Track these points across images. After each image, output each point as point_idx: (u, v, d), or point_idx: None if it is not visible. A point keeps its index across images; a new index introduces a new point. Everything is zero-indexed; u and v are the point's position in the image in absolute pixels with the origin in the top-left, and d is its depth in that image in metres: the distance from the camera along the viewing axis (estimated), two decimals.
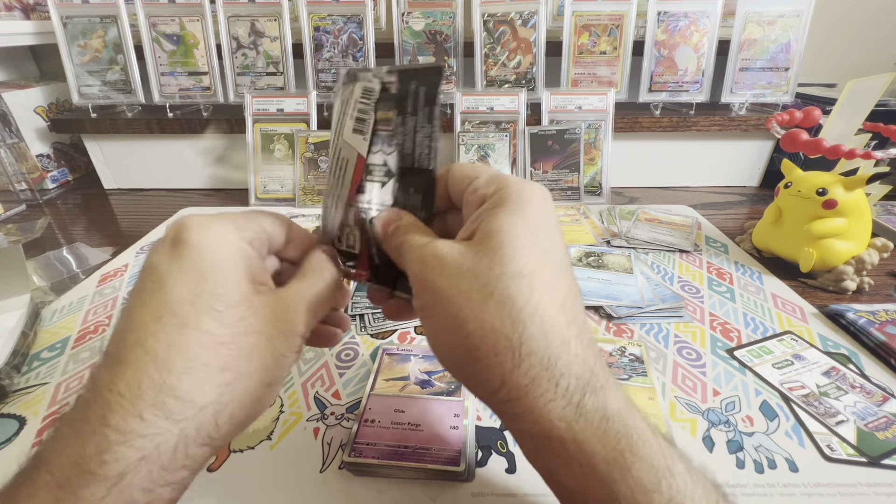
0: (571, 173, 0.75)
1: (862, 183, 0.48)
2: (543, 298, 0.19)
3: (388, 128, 0.23)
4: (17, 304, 0.44)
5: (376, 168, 0.24)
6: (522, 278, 0.19)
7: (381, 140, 0.24)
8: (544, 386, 0.18)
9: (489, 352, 0.18)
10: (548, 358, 0.18)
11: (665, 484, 0.17)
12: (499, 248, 0.19)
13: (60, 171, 0.87)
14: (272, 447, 0.33)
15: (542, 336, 0.18)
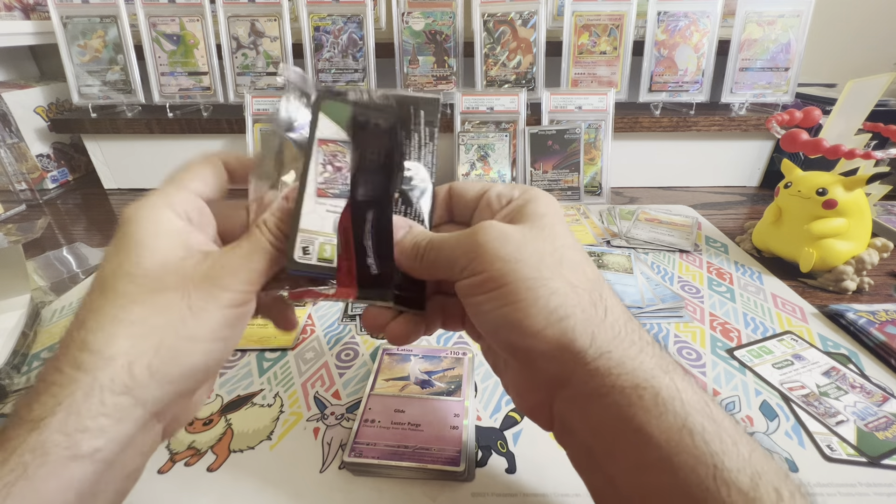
0: (571, 173, 0.75)
1: (862, 183, 0.48)
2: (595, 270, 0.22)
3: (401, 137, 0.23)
4: (17, 304, 0.44)
5: None
6: (578, 252, 0.21)
7: None
8: (632, 336, 0.19)
9: (576, 308, 0.19)
10: (625, 314, 0.20)
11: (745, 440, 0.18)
12: (552, 226, 0.21)
13: (60, 171, 0.87)
14: (272, 447, 0.33)
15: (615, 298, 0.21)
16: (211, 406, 0.36)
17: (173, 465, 0.31)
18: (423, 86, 0.79)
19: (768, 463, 0.17)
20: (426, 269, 0.22)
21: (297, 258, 0.21)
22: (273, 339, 0.43)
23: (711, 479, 0.17)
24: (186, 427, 0.34)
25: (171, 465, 0.31)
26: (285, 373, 0.40)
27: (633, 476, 0.19)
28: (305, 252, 0.21)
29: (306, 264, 0.21)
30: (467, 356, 0.40)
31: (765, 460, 0.17)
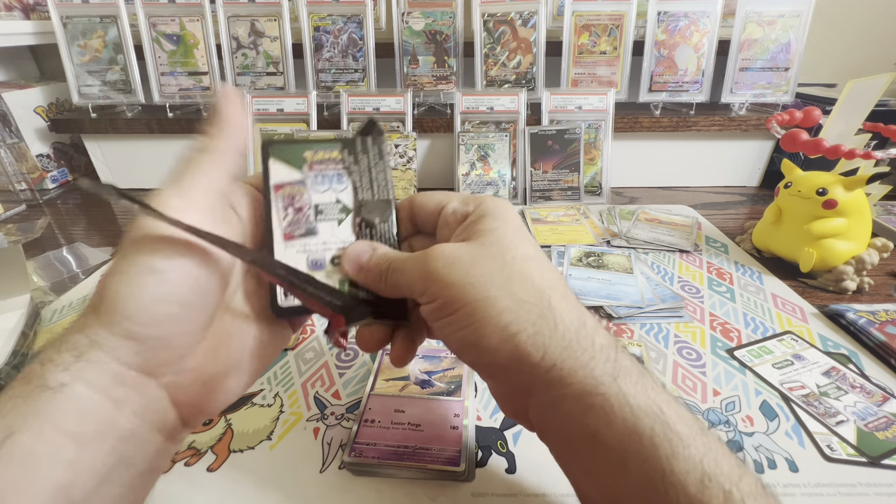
0: (571, 173, 0.75)
1: (862, 183, 0.48)
2: (552, 275, 0.21)
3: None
4: (17, 304, 0.44)
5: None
6: (531, 260, 0.21)
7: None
8: (583, 344, 0.20)
9: (526, 323, 0.20)
10: (578, 320, 0.20)
11: (700, 438, 0.18)
12: (502, 240, 0.21)
13: (60, 171, 0.87)
14: (272, 447, 0.33)
15: (566, 305, 0.20)
16: None
17: (173, 465, 0.31)
18: (424, 86, 0.79)
19: (724, 464, 0.18)
20: (391, 289, 0.23)
21: (280, 304, 0.22)
22: None
23: (660, 482, 0.17)
24: None
25: (171, 465, 0.31)
26: (285, 373, 0.40)
27: (591, 480, 0.20)
28: (287, 296, 0.22)
29: (290, 307, 0.22)
30: None
31: (720, 461, 0.18)
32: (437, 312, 0.21)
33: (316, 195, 0.23)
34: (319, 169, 0.24)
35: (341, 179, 0.24)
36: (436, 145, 0.81)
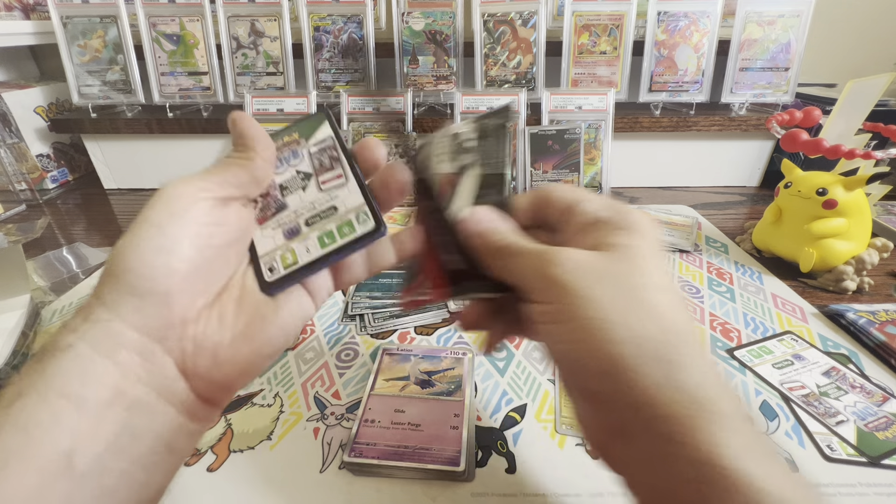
0: (571, 173, 0.75)
1: (862, 183, 0.48)
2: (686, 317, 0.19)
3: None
4: (17, 304, 0.44)
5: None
6: (665, 293, 0.19)
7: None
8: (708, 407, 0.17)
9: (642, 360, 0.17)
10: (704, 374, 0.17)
11: None
12: (637, 260, 0.19)
13: (60, 171, 0.87)
14: (272, 447, 0.33)
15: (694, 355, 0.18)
16: None
17: None
18: (424, 86, 0.79)
19: None
20: (498, 268, 0.22)
21: (267, 280, 0.23)
22: None
23: None
24: None
25: None
26: (285, 373, 0.40)
27: None
28: (272, 270, 0.23)
29: (277, 279, 0.23)
30: (467, 356, 0.40)
31: None
32: (548, 316, 0.19)
33: (278, 177, 0.25)
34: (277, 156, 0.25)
35: (297, 154, 0.25)
36: None
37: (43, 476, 0.16)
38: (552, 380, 0.39)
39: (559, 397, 0.37)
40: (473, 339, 0.44)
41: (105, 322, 0.18)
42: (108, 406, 0.17)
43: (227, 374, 0.21)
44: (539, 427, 0.34)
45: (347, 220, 0.24)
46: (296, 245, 0.24)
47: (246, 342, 0.21)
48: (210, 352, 0.20)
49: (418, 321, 0.46)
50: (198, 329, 0.20)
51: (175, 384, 0.19)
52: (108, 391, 0.17)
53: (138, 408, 0.18)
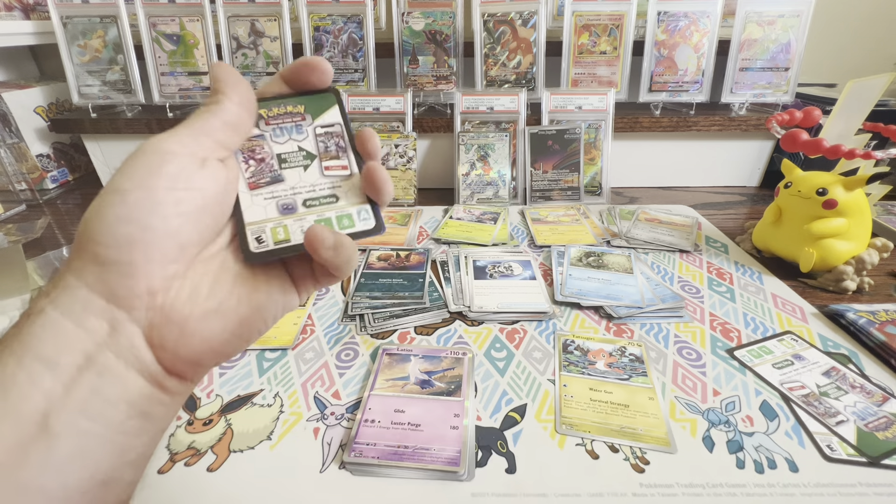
0: (571, 173, 0.75)
1: (862, 183, 0.48)
2: None
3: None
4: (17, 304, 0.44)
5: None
6: None
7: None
8: None
9: None
10: None
11: None
12: None
13: (60, 171, 0.87)
14: (272, 447, 0.33)
15: None
16: (211, 406, 0.36)
17: (173, 466, 0.31)
18: (424, 86, 0.79)
19: None
20: None
21: (253, 250, 0.22)
22: (273, 339, 0.43)
23: None
24: (186, 427, 0.34)
25: (171, 465, 0.31)
26: (285, 373, 0.40)
27: None
28: (260, 241, 0.23)
29: (265, 251, 0.22)
30: (467, 356, 0.40)
31: None
32: None
33: (277, 146, 0.25)
34: (276, 123, 0.25)
35: (300, 129, 0.25)
36: (436, 145, 0.81)
37: (20, 435, 0.16)
38: (552, 380, 0.39)
39: (559, 397, 0.37)
40: (474, 339, 0.44)
41: (73, 289, 0.18)
42: (80, 371, 0.17)
43: (195, 349, 0.20)
44: (539, 427, 0.34)
45: (348, 213, 0.24)
46: (290, 222, 0.23)
47: (218, 320, 0.20)
48: (177, 325, 0.19)
49: (418, 321, 0.46)
50: (166, 300, 0.19)
51: (142, 354, 0.19)
52: (79, 356, 0.18)
53: (108, 374, 0.18)
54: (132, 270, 0.18)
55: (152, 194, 0.19)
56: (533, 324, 0.46)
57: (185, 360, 0.20)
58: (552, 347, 0.42)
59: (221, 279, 0.21)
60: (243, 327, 0.21)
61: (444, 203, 0.76)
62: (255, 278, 0.22)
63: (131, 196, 0.18)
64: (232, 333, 0.21)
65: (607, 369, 0.39)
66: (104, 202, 0.19)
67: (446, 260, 0.57)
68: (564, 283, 0.51)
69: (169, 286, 0.20)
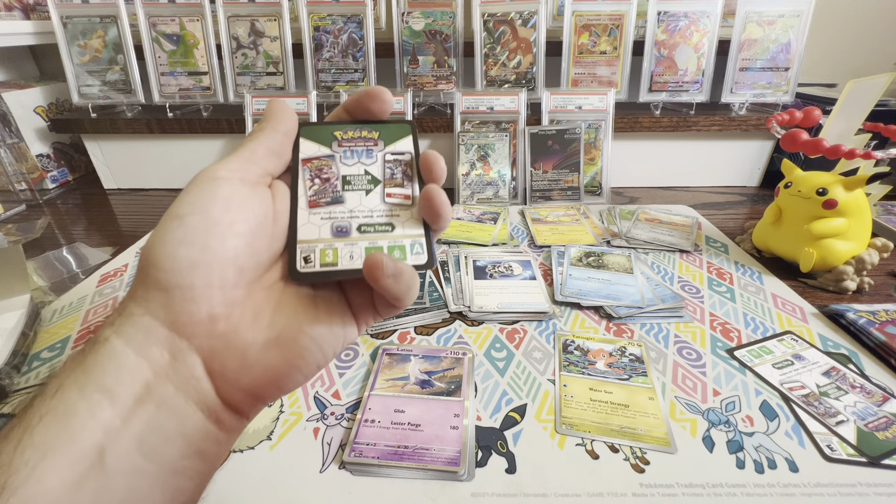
0: (571, 173, 0.75)
1: (862, 183, 0.48)
2: None
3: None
4: (17, 304, 0.44)
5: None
6: None
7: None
8: None
9: None
10: None
11: None
12: None
13: (60, 171, 0.87)
14: (272, 447, 0.33)
15: None
16: None
17: None
18: (424, 86, 0.79)
19: None
20: None
21: (299, 269, 0.22)
22: None
23: None
24: None
25: None
26: None
27: None
28: (307, 261, 0.22)
29: (310, 272, 0.22)
30: (467, 356, 0.40)
31: None
32: None
33: (344, 168, 0.25)
34: (349, 145, 0.25)
35: (371, 154, 0.25)
36: (436, 145, 0.81)
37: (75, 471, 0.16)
38: (552, 380, 0.39)
39: (559, 397, 0.37)
40: (474, 339, 0.44)
41: (137, 317, 0.18)
42: (139, 403, 0.17)
43: (255, 380, 0.20)
44: (539, 427, 0.34)
45: (401, 244, 0.23)
46: (341, 246, 0.23)
47: (279, 350, 0.20)
48: (240, 353, 0.19)
49: (418, 321, 0.46)
50: (229, 326, 0.19)
51: (202, 385, 0.19)
52: (139, 387, 0.17)
53: (166, 407, 0.18)
54: (193, 295, 0.19)
55: (208, 216, 0.19)
56: (533, 324, 0.46)
57: (245, 391, 0.20)
58: (552, 347, 0.42)
59: (282, 308, 0.21)
60: (303, 359, 0.21)
61: None
62: (315, 308, 0.22)
63: (189, 220, 0.19)
64: (292, 365, 0.20)
65: (607, 369, 0.39)
66: (164, 228, 0.19)
67: (446, 260, 0.57)
68: (564, 283, 0.51)
69: (230, 312, 0.20)
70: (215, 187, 0.20)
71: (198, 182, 0.20)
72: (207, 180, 0.20)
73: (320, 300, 0.22)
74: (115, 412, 0.17)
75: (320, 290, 0.23)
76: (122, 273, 0.56)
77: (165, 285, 0.18)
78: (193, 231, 0.19)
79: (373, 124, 0.26)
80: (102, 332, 0.18)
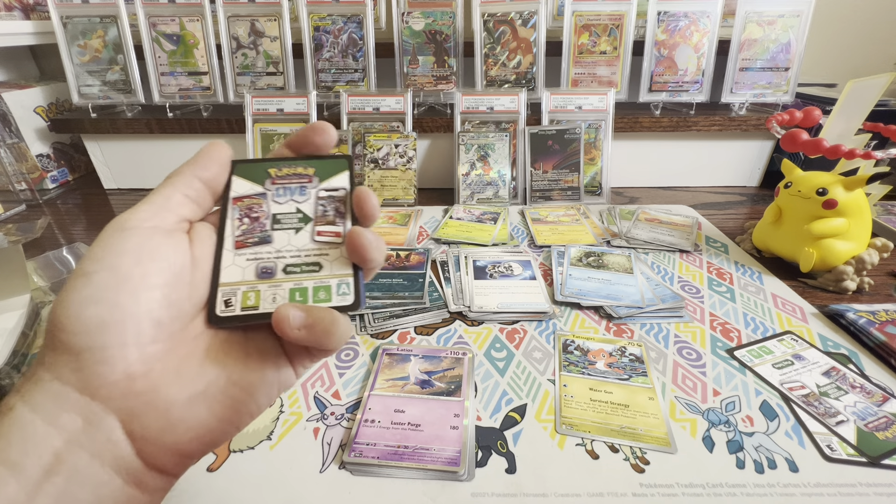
0: (571, 173, 0.75)
1: (862, 183, 0.48)
2: None
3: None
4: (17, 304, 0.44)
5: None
6: None
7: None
8: None
9: None
10: None
11: None
12: None
13: (60, 171, 0.87)
14: (272, 447, 0.33)
15: None
16: None
17: None
18: (424, 86, 0.79)
19: None
20: None
21: (218, 313, 0.21)
22: None
23: None
24: None
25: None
26: None
27: None
28: (227, 305, 0.21)
29: (229, 317, 0.21)
30: (467, 356, 0.40)
31: None
32: None
33: (275, 206, 0.24)
34: (283, 182, 0.24)
35: (304, 191, 0.24)
36: (436, 145, 0.81)
37: None
38: (552, 380, 0.39)
39: (559, 397, 0.37)
40: (474, 339, 0.44)
41: (46, 383, 0.17)
42: (46, 476, 0.16)
43: (180, 438, 0.18)
44: (539, 427, 0.34)
45: (326, 285, 0.22)
46: (263, 289, 0.22)
47: (206, 404, 0.19)
48: (162, 412, 0.18)
49: (418, 321, 0.46)
50: (148, 384, 0.18)
51: (121, 449, 0.17)
52: (49, 458, 0.16)
53: (78, 477, 0.17)
54: (106, 356, 0.17)
55: (117, 271, 0.18)
56: (533, 324, 0.46)
57: (169, 450, 0.18)
58: (552, 347, 0.42)
59: (210, 358, 0.20)
60: (233, 411, 0.19)
61: (444, 203, 0.76)
62: (246, 356, 0.20)
63: (97, 277, 0.18)
64: (220, 419, 0.19)
65: (607, 369, 0.39)
66: (70, 288, 0.18)
67: (446, 260, 0.57)
68: (564, 283, 0.51)
69: (150, 369, 0.18)
70: (124, 239, 0.19)
71: (105, 235, 0.19)
72: (115, 231, 0.19)
73: (251, 346, 0.21)
74: (20, 487, 0.16)
75: (251, 336, 0.21)
76: None
77: (74, 348, 0.17)
78: (102, 288, 0.18)
79: (310, 160, 0.25)
80: (8, 400, 0.17)
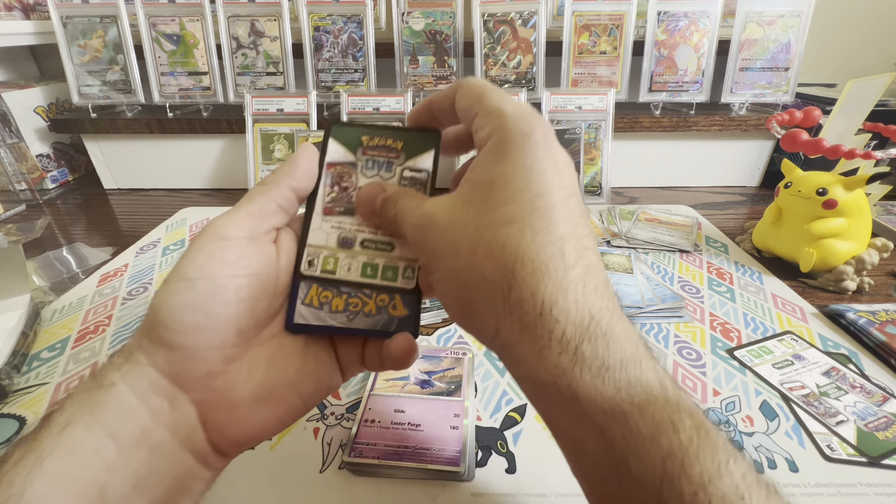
0: None
1: (862, 183, 0.48)
2: (535, 244, 0.18)
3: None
4: (17, 304, 0.44)
5: None
6: (512, 225, 0.18)
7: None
8: (538, 332, 0.18)
9: (482, 300, 0.19)
10: (541, 304, 0.18)
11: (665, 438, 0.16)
12: (488, 197, 0.19)
13: (60, 171, 0.87)
14: (272, 447, 0.33)
15: (532, 283, 0.18)
16: None
17: None
18: (424, 86, 0.79)
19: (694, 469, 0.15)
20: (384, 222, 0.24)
21: (302, 270, 0.23)
22: None
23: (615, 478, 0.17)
24: None
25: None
26: None
27: None
28: (311, 265, 0.23)
29: (310, 276, 0.23)
30: (467, 356, 0.40)
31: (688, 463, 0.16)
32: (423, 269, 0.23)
33: (363, 178, 0.24)
34: (372, 154, 0.25)
35: (390, 167, 0.25)
36: None
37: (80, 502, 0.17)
38: None
39: None
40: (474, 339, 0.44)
41: (142, 366, 0.19)
42: (137, 446, 0.18)
43: (241, 432, 0.21)
44: (539, 427, 0.34)
45: (395, 266, 0.24)
46: (341, 257, 0.24)
47: (268, 406, 0.21)
48: (231, 408, 0.21)
49: None
50: (224, 382, 0.21)
51: (195, 433, 0.20)
52: (138, 432, 0.19)
53: (161, 451, 0.19)
54: (196, 355, 0.20)
55: (216, 282, 0.20)
56: None
57: (231, 439, 0.21)
58: None
59: (275, 363, 0.22)
60: (286, 412, 0.22)
61: None
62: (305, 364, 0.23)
63: (198, 284, 0.20)
64: (277, 418, 0.22)
65: None
66: (173, 290, 0.20)
67: None
68: None
69: (227, 370, 0.21)
70: (224, 250, 0.21)
71: (207, 240, 0.21)
72: (216, 240, 0.21)
73: (311, 355, 0.23)
74: (118, 452, 0.18)
75: (310, 345, 0.24)
76: (122, 273, 0.56)
77: (170, 343, 0.20)
78: (201, 296, 0.20)
79: (400, 132, 0.25)
80: (109, 375, 0.19)
